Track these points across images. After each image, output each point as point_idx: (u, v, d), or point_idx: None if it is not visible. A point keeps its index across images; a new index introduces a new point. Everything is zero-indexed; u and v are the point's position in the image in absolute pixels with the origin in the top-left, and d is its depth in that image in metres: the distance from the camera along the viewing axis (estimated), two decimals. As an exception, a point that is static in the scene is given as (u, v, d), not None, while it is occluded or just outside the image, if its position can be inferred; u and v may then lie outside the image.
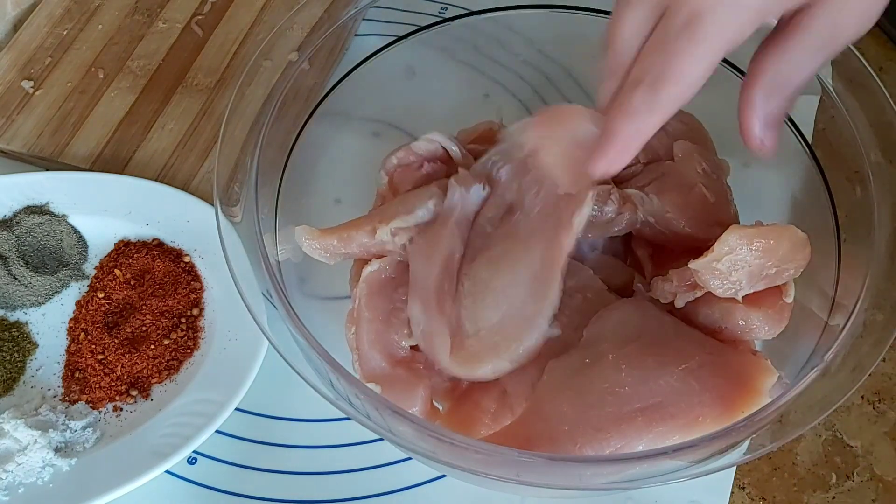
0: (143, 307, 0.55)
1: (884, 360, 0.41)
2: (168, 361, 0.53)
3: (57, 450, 0.49)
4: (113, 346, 0.53)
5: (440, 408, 0.47)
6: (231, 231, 0.45)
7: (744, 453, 0.40)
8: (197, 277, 0.56)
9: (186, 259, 0.56)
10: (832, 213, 0.49)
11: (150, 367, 0.53)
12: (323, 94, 0.55)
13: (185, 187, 0.59)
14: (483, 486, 0.48)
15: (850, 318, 0.43)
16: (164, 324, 0.54)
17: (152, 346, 0.53)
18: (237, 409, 0.49)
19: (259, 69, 0.50)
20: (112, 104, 0.63)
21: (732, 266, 0.44)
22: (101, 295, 0.55)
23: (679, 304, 0.47)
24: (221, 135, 0.47)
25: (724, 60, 0.54)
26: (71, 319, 0.55)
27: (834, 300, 0.46)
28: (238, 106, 0.48)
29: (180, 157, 0.61)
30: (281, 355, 0.41)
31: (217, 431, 0.50)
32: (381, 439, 0.50)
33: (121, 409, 0.52)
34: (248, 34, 0.66)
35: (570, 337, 0.46)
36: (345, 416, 0.42)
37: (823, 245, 0.48)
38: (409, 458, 0.50)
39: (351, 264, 0.51)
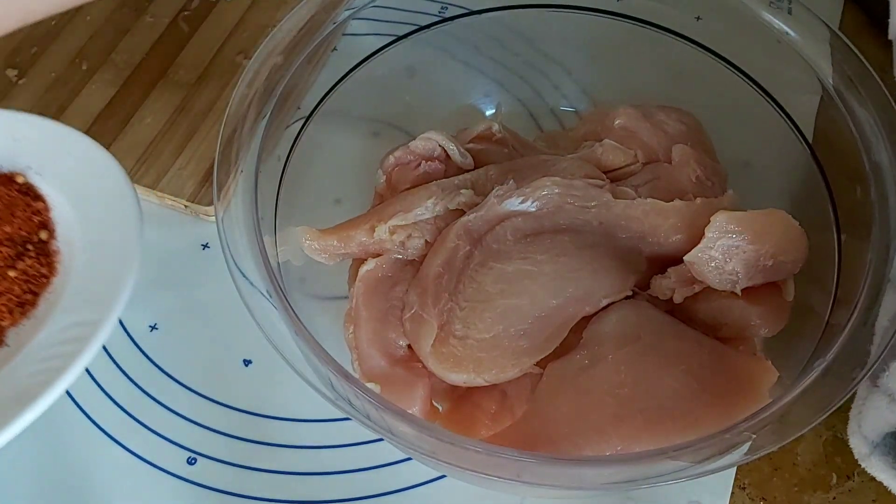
0: None
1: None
2: (21, 297, 0.46)
3: None
4: None
5: (440, 408, 0.47)
6: (231, 231, 0.45)
7: (744, 453, 0.40)
8: (39, 197, 0.49)
9: (20, 180, 0.49)
10: (832, 213, 0.49)
11: None
12: (323, 94, 0.55)
13: (157, 182, 0.59)
14: (483, 486, 0.48)
15: (850, 317, 0.43)
16: (6, 253, 0.47)
17: None
18: (237, 409, 0.49)
19: (257, 69, 0.50)
20: (92, 97, 0.63)
21: (727, 254, 0.44)
22: None
23: (678, 299, 0.47)
24: (221, 135, 0.47)
25: (725, 60, 0.54)
26: None
27: (834, 300, 0.46)
28: (236, 106, 0.48)
29: (154, 152, 0.61)
30: (281, 355, 0.41)
31: (217, 431, 0.50)
32: (380, 439, 0.50)
33: None
34: (234, 32, 0.66)
35: (570, 338, 0.46)
36: (345, 416, 0.42)
37: (824, 244, 0.48)
38: (409, 459, 0.50)
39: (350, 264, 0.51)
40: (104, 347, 0.54)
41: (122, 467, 0.50)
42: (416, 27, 0.57)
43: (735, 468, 0.50)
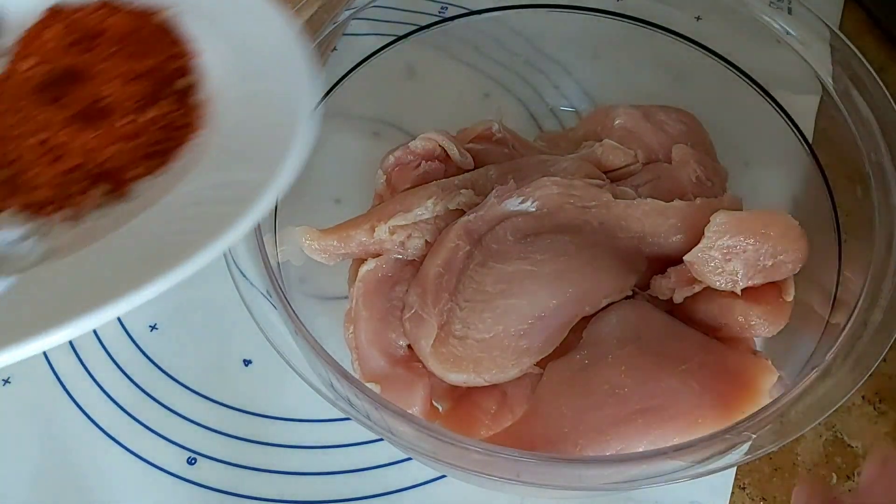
0: (100, 73, 0.39)
1: (884, 360, 0.40)
2: (154, 146, 0.38)
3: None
4: (58, 123, 0.37)
5: (440, 408, 0.47)
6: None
7: (744, 453, 0.40)
8: (181, 40, 0.41)
9: (161, 16, 0.41)
10: (833, 213, 0.49)
11: (124, 152, 0.38)
12: (323, 94, 0.54)
13: None
14: (483, 486, 0.48)
15: (850, 317, 0.43)
16: (139, 90, 0.39)
17: (124, 122, 0.38)
18: (237, 409, 0.49)
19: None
20: None
21: (727, 254, 0.45)
22: (29, 63, 0.39)
23: (678, 299, 0.47)
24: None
25: (726, 60, 0.54)
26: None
27: (835, 300, 0.46)
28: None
29: None
30: (281, 355, 0.41)
31: (217, 431, 0.50)
32: (380, 439, 0.50)
33: (78, 218, 0.37)
34: None
35: (570, 338, 0.46)
36: (345, 416, 0.42)
37: (824, 244, 0.48)
38: (409, 458, 0.50)
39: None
40: (104, 347, 0.54)
41: (122, 467, 0.50)
42: (416, 27, 0.57)
43: (735, 468, 0.50)
